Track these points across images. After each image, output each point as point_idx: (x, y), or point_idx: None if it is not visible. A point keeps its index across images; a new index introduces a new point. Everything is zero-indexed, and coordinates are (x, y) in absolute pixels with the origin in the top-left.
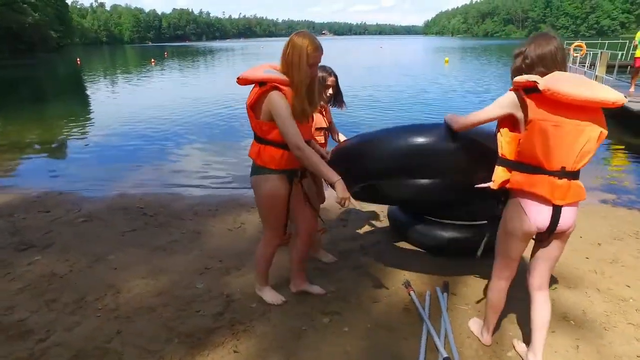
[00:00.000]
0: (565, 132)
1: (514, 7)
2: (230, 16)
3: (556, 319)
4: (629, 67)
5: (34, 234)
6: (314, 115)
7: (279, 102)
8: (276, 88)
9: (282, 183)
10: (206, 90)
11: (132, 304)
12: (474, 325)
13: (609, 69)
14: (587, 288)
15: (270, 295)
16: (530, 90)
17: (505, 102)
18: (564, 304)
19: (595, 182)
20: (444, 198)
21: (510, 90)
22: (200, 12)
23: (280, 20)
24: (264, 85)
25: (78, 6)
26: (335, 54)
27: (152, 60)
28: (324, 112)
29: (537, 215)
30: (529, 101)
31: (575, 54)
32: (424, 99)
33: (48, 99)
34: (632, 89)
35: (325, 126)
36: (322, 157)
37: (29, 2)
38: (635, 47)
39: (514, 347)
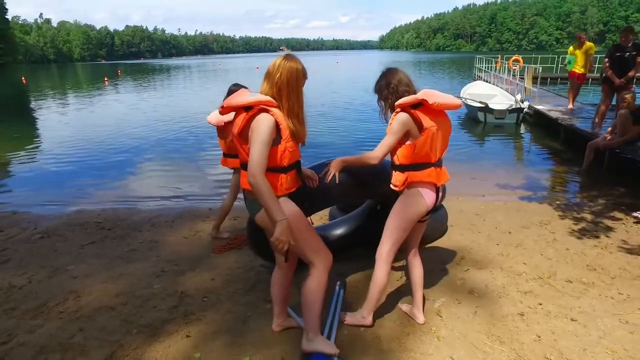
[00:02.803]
0: (441, 133)
1: (462, 23)
2: (186, 33)
3: (464, 293)
4: (559, 79)
5: None
6: None
7: (263, 124)
8: (265, 110)
9: (292, 204)
10: (162, 108)
11: (93, 305)
12: (352, 318)
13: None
14: (493, 268)
15: (326, 346)
16: (416, 106)
17: (402, 123)
18: (473, 281)
19: (519, 182)
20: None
21: (397, 112)
22: (155, 29)
23: (237, 37)
24: (250, 110)
25: (20, 22)
26: None
27: (106, 78)
28: None
29: (430, 197)
30: (421, 114)
31: (513, 67)
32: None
33: None
34: (570, 105)
35: None
36: (310, 178)
37: None
38: (567, 62)
39: (400, 309)
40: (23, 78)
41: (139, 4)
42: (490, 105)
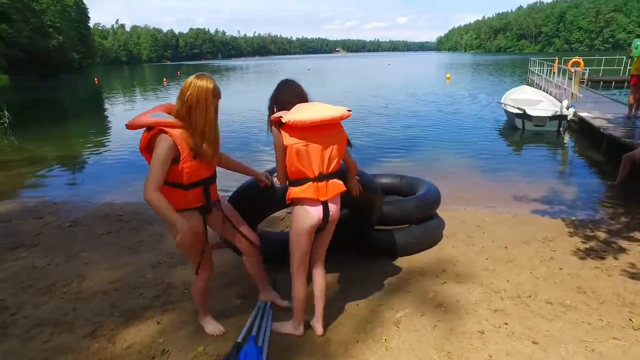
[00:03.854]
0: (313, 148)
1: (526, 23)
2: (245, 35)
3: (431, 306)
4: (625, 82)
5: (26, 236)
6: None
7: (160, 145)
8: (163, 131)
9: (193, 219)
10: None
11: (92, 289)
12: (283, 327)
13: (594, 84)
14: (473, 282)
15: (211, 326)
16: (282, 123)
17: (279, 138)
18: (446, 295)
19: (539, 194)
20: None
21: (272, 128)
22: (216, 31)
23: (294, 38)
24: (151, 130)
25: (100, 28)
26: (344, 71)
27: (165, 79)
28: None
29: (316, 212)
30: (283, 132)
31: (572, 70)
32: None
33: (67, 117)
34: (630, 113)
35: None
36: (262, 181)
37: (54, 26)
38: (634, 47)
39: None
40: (96, 79)
41: (203, 8)
42: (529, 112)
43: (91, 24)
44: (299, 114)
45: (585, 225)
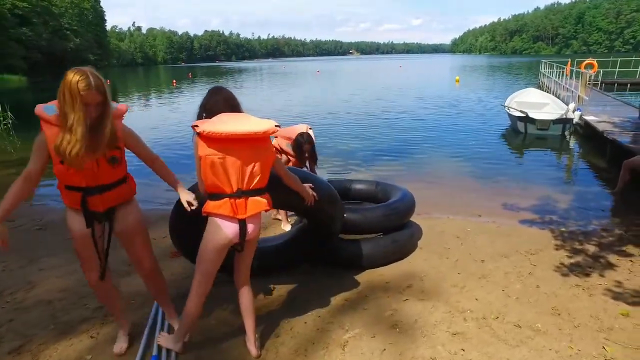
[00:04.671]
0: (230, 162)
1: (543, 24)
2: (259, 37)
3: (386, 326)
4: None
5: None
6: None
7: (36, 139)
8: (41, 128)
9: (76, 221)
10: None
11: (38, 297)
12: (166, 341)
13: (608, 86)
14: (437, 300)
15: (116, 344)
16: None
17: (195, 148)
18: (404, 314)
19: (530, 202)
20: None
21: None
22: (231, 34)
23: (308, 40)
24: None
25: (117, 30)
26: (355, 73)
27: (174, 81)
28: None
29: (230, 229)
30: (199, 141)
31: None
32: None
33: None
34: None
35: None
36: (179, 193)
37: (72, 29)
38: None
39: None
40: (107, 80)
41: (218, 10)
42: (531, 115)
43: (109, 26)
44: (216, 125)
45: (574, 237)
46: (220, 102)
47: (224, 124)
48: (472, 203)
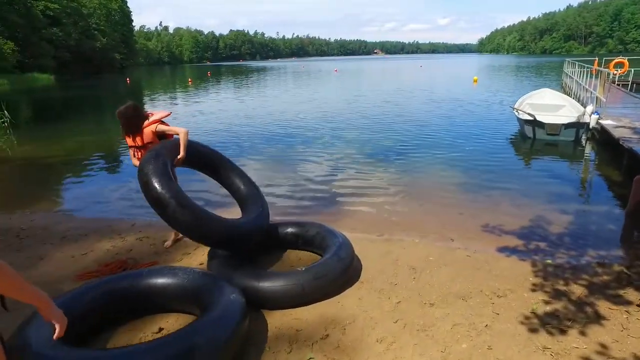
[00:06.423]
0: None
1: (575, 23)
2: (284, 36)
3: None
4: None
5: None
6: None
7: None
8: None
9: None
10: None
11: None
12: None
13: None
14: (353, 358)
15: None
16: None
17: None
18: None
19: (518, 224)
20: None
21: None
22: (255, 33)
23: (332, 40)
24: None
25: (145, 30)
26: (372, 72)
27: (190, 79)
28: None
29: None
30: None
31: (615, 72)
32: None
33: (74, 116)
34: None
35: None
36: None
37: (99, 29)
38: None
39: None
40: (127, 79)
41: (244, 10)
42: (539, 118)
43: (137, 26)
44: None
45: (559, 274)
46: None
47: None
48: (449, 222)
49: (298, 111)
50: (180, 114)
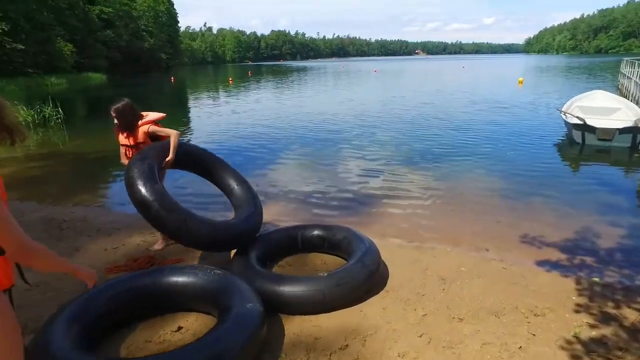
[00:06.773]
0: None
1: (637, 19)
2: (324, 36)
3: None
4: None
5: None
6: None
7: None
8: None
9: None
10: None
11: None
12: None
13: None
14: None
15: None
16: None
17: None
18: None
19: (561, 237)
20: None
21: None
22: (296, 33)
23: (373, 40)
24: None
25: (190, 30)
26: (413, 73)
27: (230, 79)
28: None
29: None
30: None
31: None
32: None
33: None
34: None
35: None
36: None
37: (147, 30)
38: None
39: None
40: (172, 78)
41: (286, 10)
42: (590, 122)
43: (183, 27)
44: None
45: (609, 295)
46: None
47: None
48: (485, 230)
49: (335, 112)
50: (216, 111)
